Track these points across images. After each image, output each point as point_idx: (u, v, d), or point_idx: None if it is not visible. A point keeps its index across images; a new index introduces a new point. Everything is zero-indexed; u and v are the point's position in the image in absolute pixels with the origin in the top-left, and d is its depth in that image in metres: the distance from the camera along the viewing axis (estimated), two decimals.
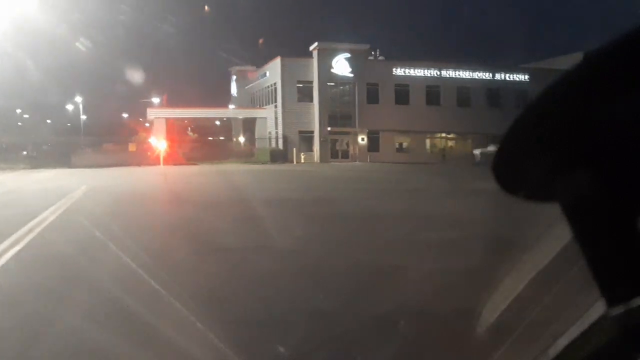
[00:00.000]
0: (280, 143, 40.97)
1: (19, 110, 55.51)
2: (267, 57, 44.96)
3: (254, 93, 48.73)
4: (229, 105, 50.33)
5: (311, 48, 41.12)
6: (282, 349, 3.56)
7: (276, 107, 42.16)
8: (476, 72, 43.32)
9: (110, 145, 44.46)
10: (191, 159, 37.87)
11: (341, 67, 40.59)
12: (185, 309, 4.03)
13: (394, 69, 41.99)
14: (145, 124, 49.58)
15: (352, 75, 40.60)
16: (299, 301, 4.65)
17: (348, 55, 40.57)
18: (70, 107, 53.40)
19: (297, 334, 3.78)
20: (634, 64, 0.50)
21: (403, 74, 42.15)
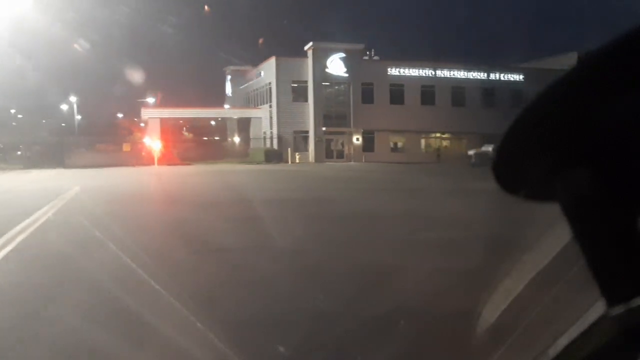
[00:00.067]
0: (275, 143, 40.92)
1: (13, 110, 55.20)
2: (261, 57, 45.00)
3: (249, 93, 48.61)
4: (223, 105, 50.16)
5: (306, 48, 41.08)
6: (282, 349, 3.56)
7: (271, 107, 42.10)
8: (471, 72, 43.44)
9: (105, 146, 44.21)
10: (186, 159, 37.80)
11: (336, 67, 40.59)
12: (185, 309, 4.02)
13: (389, 69, 42.03)
14: (140, 124, 49.36)
15: (347, 75, 40.61)
16: (299, 301, 4.64)
17: (343, 55, 40.57)
18: (65, 107, 53.19)
19: (297, 334, 3.78)
20: (634, 63, 0.51)
21: (398, 73, 42.20)
